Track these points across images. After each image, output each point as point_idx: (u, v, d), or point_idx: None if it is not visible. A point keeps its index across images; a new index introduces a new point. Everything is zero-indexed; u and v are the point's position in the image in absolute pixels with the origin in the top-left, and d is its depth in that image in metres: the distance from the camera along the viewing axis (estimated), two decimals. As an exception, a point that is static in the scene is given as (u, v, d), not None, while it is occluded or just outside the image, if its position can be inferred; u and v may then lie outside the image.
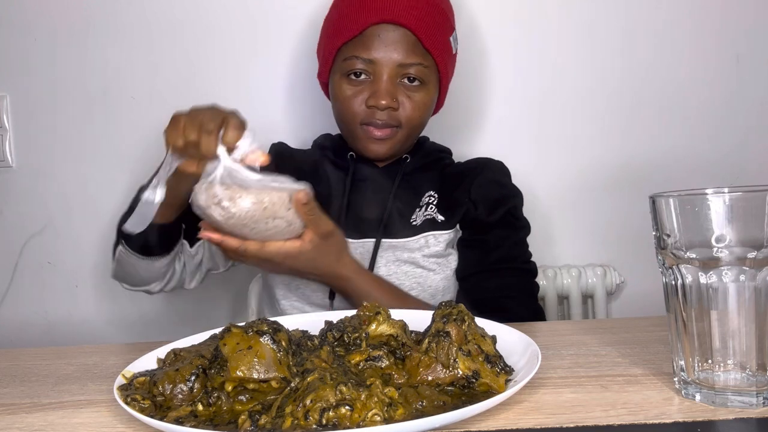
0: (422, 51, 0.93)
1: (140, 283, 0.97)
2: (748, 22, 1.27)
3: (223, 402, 0.51)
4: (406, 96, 0.93)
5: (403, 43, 0.91)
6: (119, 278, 0.99)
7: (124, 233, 0.86)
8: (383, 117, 0.92)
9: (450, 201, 0.99)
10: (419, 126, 0.97)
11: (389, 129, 0.93)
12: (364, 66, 0.91)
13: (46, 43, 1.32)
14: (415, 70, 0.92)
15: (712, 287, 0.48)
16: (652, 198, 0.52)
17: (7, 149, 1.33)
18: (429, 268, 0.96)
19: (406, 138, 0.97)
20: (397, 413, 0.47)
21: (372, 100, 0.91)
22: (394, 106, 0.91)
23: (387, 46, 0.91)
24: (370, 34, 0.91)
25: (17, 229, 1.36)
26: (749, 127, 1.29)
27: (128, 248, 0.89)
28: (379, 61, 0.91)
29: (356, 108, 0.93)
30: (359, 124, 0.93)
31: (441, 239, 0.97)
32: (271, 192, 0.71)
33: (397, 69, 0.91)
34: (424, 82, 0.94)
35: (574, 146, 1.30)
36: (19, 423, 0.54)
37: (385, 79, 0.91)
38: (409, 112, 0.93)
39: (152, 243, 0.89)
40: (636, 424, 0.46)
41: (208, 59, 1.31)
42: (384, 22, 0.90)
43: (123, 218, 0.90)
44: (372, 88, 0.92)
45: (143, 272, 0.93)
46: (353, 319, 0.63)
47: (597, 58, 1.28)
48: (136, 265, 0.91)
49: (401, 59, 0.91)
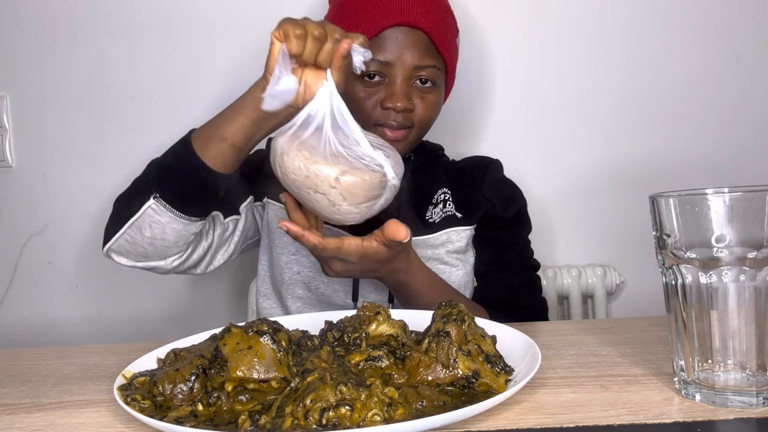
0: (435, 53, 0.93)
1: (154, 256, 0.87)
2: (748, 22, 1.27)
3: (223, 402, 0.51)
4: (420, 97, 0.93)
5: (418, 45, 0.91)
6: (121, 251, 0.87)
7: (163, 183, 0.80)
8: (398, 119, 0.92)
9: (465, 198, 1.01)
10: (429, 126, 0.98)
11: (403, 130, 0.93)
12: (379, 68, 0.91)
13: (46, 43, 1.32)
14: (428, 72, 0.93)
15: (712, 287, 0.48)
16: (652, 198, 0.52)
17: (7, 149, 1.33)
18: (452, 264, 0.98)
19: (417, 138, 0.97)
20: (397, 413, 0.47)
21: (388, 102, 0.91)
22: (410, 108, 0.92)
23: (403, 48, 0.91)
24: (387, 36, 0.91)
25: (17, 229, 1.36)
26: (749, 127, 1.29)
27: (165, 201, 0.81)
28: (394, 63, 0.91)
29: (370, 109, 0.92)
30: (373, 125, 0.93)
31: (463, 235, 0.99)
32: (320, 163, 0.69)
33: (412, 71, 0.92)
34: (436, 83, 0.95)
35: (575, 146, 1.30)
36: (19, 423, 0.54)
37: (400, 81, 0.91)
38: (422, 113, 0.94)
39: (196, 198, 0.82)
40: (636, 424, 0.46)
41: (208, 59, 1.31)
42: (400, 25, 0.91)
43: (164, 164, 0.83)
44: (387, 90, 0.91)
45: (171, 236, 0.83)
46: (353, 319, 0.63)
47: (597, 58, 1.28)
48: (166, 226, 0.82)
49: (417, 62, 0.91)
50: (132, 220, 0.83)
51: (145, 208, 0.81)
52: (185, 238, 0.85)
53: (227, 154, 0.79)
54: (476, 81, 1.29)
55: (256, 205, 1.01)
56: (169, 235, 0.83)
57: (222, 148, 0.79)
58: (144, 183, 0.83)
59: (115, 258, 0.89)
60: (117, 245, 0.86)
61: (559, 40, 1.28)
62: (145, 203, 0.81)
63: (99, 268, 1.34)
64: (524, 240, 1.03)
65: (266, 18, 1.29)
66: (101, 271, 1.34)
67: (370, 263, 0.77)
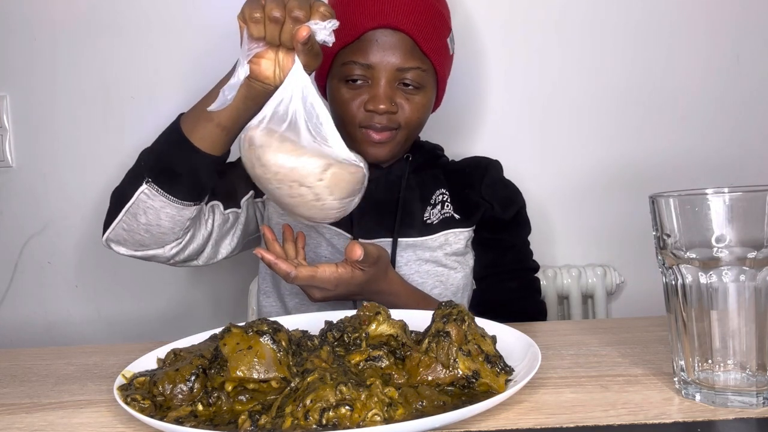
0: (420, 55, 0.93)
1: (151, 243, 0.86)
2: (748, 22, 1.27)
3: (223, 402, 0.51)
4: (405, 99, 0.93)
5: (400, 47, 0.91)
6: (119, 239, 0.86)
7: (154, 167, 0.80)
8: (382, 121, 0.92)
9: (464, 199, 1.00)
10: (418, 127, 0.98)
11: (388, 132, 0.93)
12: (362, 71, 0.91)
13: (46, 43, 1.32)
14: (412, 74, 0.92)
15: (712, 287, 0.48)
16: (652, 198, 0.52)
17: (7, 149, 1.33)
18: (451, 266, 0.97)
19: (405, 140, 0.97)
20: (397, 413, 0.47)
21: (370, 104, 0.91)
22: (392, 110, 0.92)
23: (385, 51, 0.90)
24: (368, 39, 0.91)
25: (17, 229, 1.36)
26: (749, 127, 1.29)
27: (156, 186, 0.81)
28: (376, 66, 0.91)
29: (354, 111, 0.93)
30: (358, 127, 0.94)
31: (461, 237, 0.98)
32: (306, 155, 0.66)
33: (395, 73, 0.91)
34: (422, 85, 0.94)
35: (574, 146, 1.30)
36: (19, 423, 0.54)
37: (383, 84, 0.91)
38: (408, 115, 0.93)
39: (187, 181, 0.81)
40: (636, 424, 0.46)
41: (208, 59, 1.30)
42: (382, 27, 0.90)
43: (155, 149, 0.84)
44: (370, 93, 0.92)
45: (166, 221, 0.83)
46: (353, 319, 0.63)
47: (596, 58, 1.28)
48: (160, 211, 0.82)
49: (399, 63, 0.91)
50: (126, 207, 0.83)
51: (138, 193, 0.81)
52: (180, 223, 0.84)
53: (215, 134, 0.79)
54: (477, 81, 1.29)
55: (257, 201, 1.01)
56: (163, 221, 0.83)
57: (209, 129, 0.79)
58: (136, 170, 0.84)
59: (114, 247, 0.88)
60: (114, 234, 0.86)
61: (560, 41, 1.28)
62: (138, 189, 0.81)
63: (99, 268, 1.35)
64: (523, 242, 1.02)
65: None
66: (101, 271, 1.34)
67: (348, 287, 0.77)
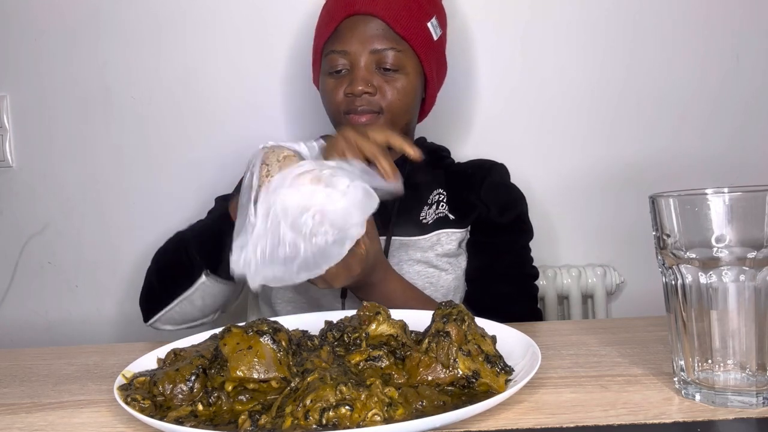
0: (394, 36, 0.95)
1: (201, 317, 0.91)
2: (748, 22, 1.27)
3: (223, 402, 0.51)
4: (385, 81, 0.95)
5: (373, 31, 0.94)
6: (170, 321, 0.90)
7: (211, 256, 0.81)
8: (362, 103, 0.94)
9: (460, 200, 1.00)
10: (403, 113, 0.97)
11: (370, 115, 0.94)
12: (342, 59, 0.95)
13: (46, 43, 1.32)
14: (389, 56, 0.94)
15: (712, 287, 0.48)
16: (652, 198, 0.52)
17: (7, 149, 1.33)
18: (442, 267, 0.96)
19: (390, 125, 0.96)
20: (397, 413, 0.47)
21: (348, 88, 0.94)
22: (370, 91, 0.93)
23: (359, 36, 0.94)
24: (344, 27, 0.95)
25: (17, 229, 1.36)
26: (749, 127, 1.29)
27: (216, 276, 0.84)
28: (353, 52, 0.94)
29: (339, 100, 0.95)
30: (343, 114, 0.96)
31: (453, 237, 0.98)
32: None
33: (370, 56, 0.94)
34: (402, 67, 0.95)
35: (574, 146, 1.30)
36: (19, 423, 0.54)
37: (361, 67, 0.94)
38: (389, 98, 0.95)
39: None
40: (636, 424, 0.46)
41: (208, 59, 1.31)
42: (354, 14, 0.94)
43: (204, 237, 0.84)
44: (349, 78, 0.95)
45: (221, 299, 0.88)
46: (353, 319, 0.63)
47: (596, 58, 1.28)
48: (218, 295, 0.87)
49: (372, 46, 0.94)
50: (182, 296, 0.86)
51: (198, 284, 0.85)
52: (235, 293, 0.90)
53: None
54: (477, 81, 1.29)
55: None
56: (219, 299, 0.88)
57: None
58: (188, 261, 0.85)
59: (161, 327, 0.92)
60: (166, 317, 0.90)
61: (560, 41, 1.28)
62: (197, 281, 0.85)
63: (99, 268, 1.35)
64: (522, 247, 1.00)
65: (266, 19, 1.30)
66: (101, 271, 1.34)
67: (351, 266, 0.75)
